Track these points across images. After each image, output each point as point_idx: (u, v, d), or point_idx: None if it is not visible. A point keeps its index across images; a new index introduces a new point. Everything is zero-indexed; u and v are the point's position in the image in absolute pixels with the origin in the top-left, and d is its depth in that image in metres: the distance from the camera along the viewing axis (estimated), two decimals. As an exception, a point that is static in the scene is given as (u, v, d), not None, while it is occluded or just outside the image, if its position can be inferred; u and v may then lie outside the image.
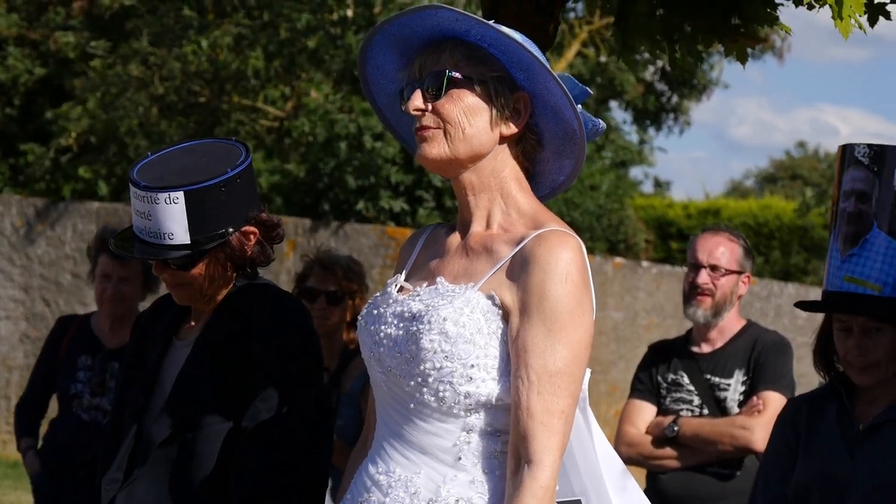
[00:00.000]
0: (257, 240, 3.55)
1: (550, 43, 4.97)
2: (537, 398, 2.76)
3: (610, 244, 17.42)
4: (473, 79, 2.88)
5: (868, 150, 3.82)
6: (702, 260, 5.28)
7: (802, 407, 4.01)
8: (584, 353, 2.81)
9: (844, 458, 3.83)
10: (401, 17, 2.90)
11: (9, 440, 13.85)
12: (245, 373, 3.46)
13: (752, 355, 5.30)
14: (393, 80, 3.03)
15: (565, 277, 2.79)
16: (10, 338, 13.84)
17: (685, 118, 22.60)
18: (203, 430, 3.46)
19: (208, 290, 3.56)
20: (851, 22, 4.31)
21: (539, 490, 2.73)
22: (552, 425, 2.75)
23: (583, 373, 2.83)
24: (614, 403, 12.67)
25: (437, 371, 2.80)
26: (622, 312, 14.04)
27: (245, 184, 3.51)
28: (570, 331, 2.78)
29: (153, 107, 16.23)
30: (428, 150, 2.89)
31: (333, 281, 5.56)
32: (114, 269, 6.18)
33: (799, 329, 14.24)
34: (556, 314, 2.78)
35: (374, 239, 13.36)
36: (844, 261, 3.81)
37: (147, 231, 3.47)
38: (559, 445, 2.76)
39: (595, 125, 2.99)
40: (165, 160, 3.56)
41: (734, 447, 5.19)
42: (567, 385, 2.77)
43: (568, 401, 2.78)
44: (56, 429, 6.40)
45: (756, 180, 33.87)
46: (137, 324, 3.80)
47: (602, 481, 2.92)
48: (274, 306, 3.54)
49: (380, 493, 2.87)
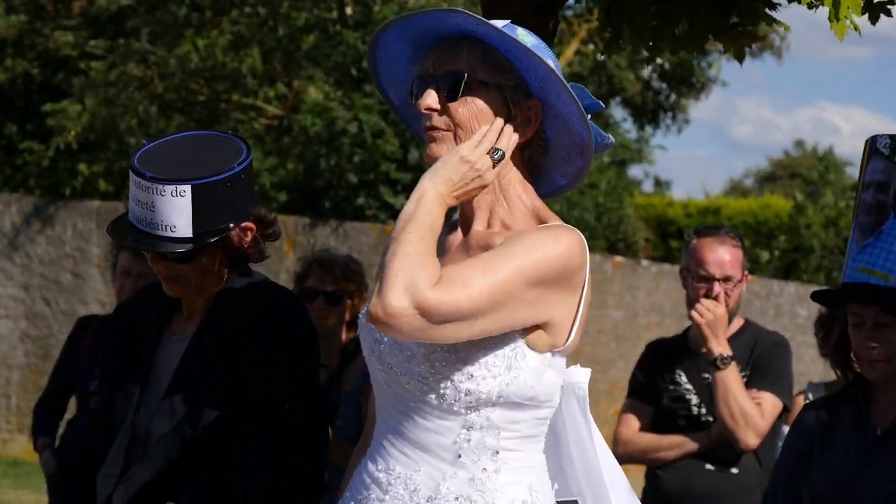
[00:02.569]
0: (254, 236, 3.55)
1: (550, 42, 4.97)
2: (476, 262, 2.73)
3: (609, 243, 17.42)
4: (490, 84, 2.87)
5: (890, 141, 3.80)
6: (714, 273, 5.23)
7: (816, 413, 3.90)
8: (533, 277, 2.74)
9: (860, 464, 3.73)
10: (421, 14, 2.89)
11: (8, 439, 13.85)
12: (243, 368, 3.46)
13: (752, 355, 5.29)
14: (401, 67, 3.02)
15: (557, 240, 2.79)
16: (10, 337, 13.85)
17: (683, 116, 22.59)
18: (201, 426, 3.46)
19: (202, 284, 3.55)
20: (847, 23, 4.31)
21: None
22: (472, 282, 2.68)
23: (523, 287, 2.75)
24: (614, 402, 12.67)
25: (437, 369, 2.81)
26: (622, 311, 14.04)
27: (247, 179, 3.52)
28: (535, 254, 2.75)
29: (152, 105, 16.24)
30: (437, 151, 2.88)
31: (332, 281, 5.56)
32: (133, 265, 6.19)
33: (799, 327, 14.24)
34: (529, 243, 2.77)
35: (374, 237, 13.36)
36: (860, 251, 3.76)
37: (147, 221, 3.45)
38: (461, 298, 2.67)
39: (604, 139, 2.99)
40: (165, 150, 3.54)
41: (727, 434, 5.14)
42: (506, 274, 2.71)
43: (496, 284, 2.70)
44: (73, 428, 6.43)
45: (755, 179, 33.88)
46: (121, 312, 3.78)
47: (602, 483, 2.92)
48: (271, 302, 3.54)
49: (379, 491, 2.87)
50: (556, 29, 5.05)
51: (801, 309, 14.50)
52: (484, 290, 2.69)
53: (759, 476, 5.29)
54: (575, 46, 18.63)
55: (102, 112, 16.02)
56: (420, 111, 2.89)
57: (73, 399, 6.53)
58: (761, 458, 5.30)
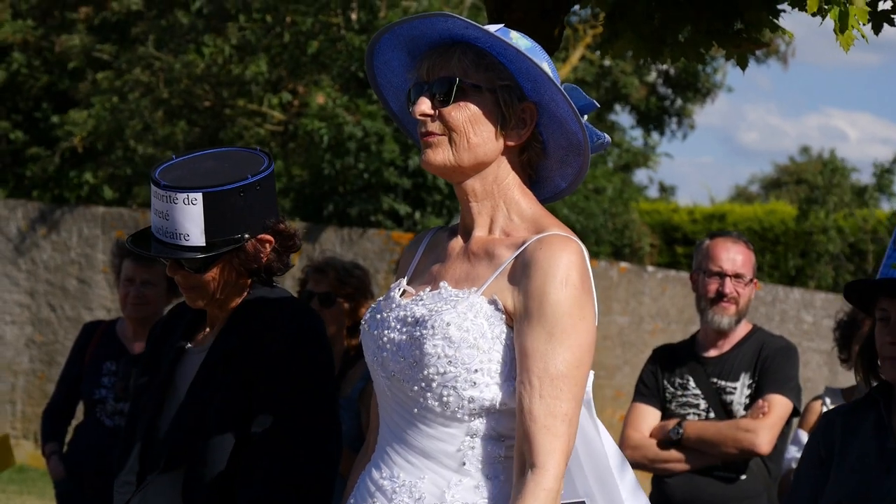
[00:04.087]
0: (273, 248, 3.55)
1: (556, 47, 4.97)
2: (539, 402, 2.76)
3: (615, 248, 17.42)
4: (482, 87, 2.88)
5: None
6: (726, 269, 5.31)
7: (836, 420, 3.85)
8: (585, 357, 2.82)
9: (880, 473, 3.67)
10: (411, 20, 2.91)
11: (14, 445, 13.85)
12: (257, 381, 3.46)
13: (759, 359, 5.31)
14: (399, 76, 3.04)
15: (565, 281, 2.80)
16: (16, 342, 13.86)
17: (689, 122, 22.59)
18: (215, 437, 3.46)
19: (221, 295, 3.56)
20: (854, 32, 4.30)
21: (542, 493, 2.73)
22: (555, 429, 2.76)
23: (586, 376, 2.83)
24: (619, 408, 12.67)
25: (440, 376, 2.81)
26: (627, 317, 14.03)
27: (265, 192, 3.52)
28: (570, 334, 2.79)
29: (158, 111, 16.26)
30: (432, 157, 2.90)
31: (325, 283, 5.62)
32: (136, 272, 6.21)
33: (804, 334, 14.23)
34: (556, 318, 2.79)
35: (380, 244, 13.37)
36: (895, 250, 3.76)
37: (164, 231, 3.48)
38: (563, 448, 2.77)
39: (600, 139, 2.99)
40: (189, 164, 3.58)
41: (738, 450, 5.19)
42: (569, 388, 2.78)
43: (571, 404, 2.78)
44: (80, 434, 6.44)
45: (761, 185, 33.84)
46: (154, 330, 3.81)
47: (614, 484, 2.92)
48: (288, 315, 3.54)
49: (384, 499, 2.87)
50: (562, 34, 5.06)
51: (807, 315, 14.48)
52: (567, 421, 2.79)
53: (766, 482, 5.30)
54: (580, 52, 18.63)
55: (108, 118, 16.04)
56: (415, 117, 2.90)
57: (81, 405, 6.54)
58: (769, 464, 5.31)
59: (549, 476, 2.74)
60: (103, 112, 16.07)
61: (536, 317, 2.79)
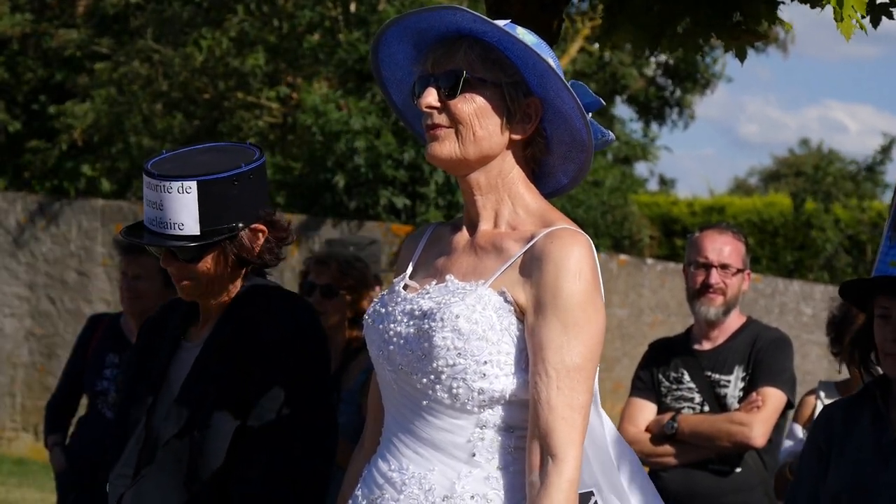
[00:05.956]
0: (266, 238, 3.56)
1: (555, 40, 4.97)
2: (557, 393, 2.78)
3: (614, 240, 17.43)
4: (488, 81, 2.89)
5: None
6: (712, 259, 5.32)
7: (836, 413, 3.87)
8: (597, 349, 2.85)
9: (878, 466, 3.69)
10: (420, 13, 2.91)
11: (14, 437, 13.87)
12: (252, 373, 3.46)
13: (752, 352, 5.32)
14: (403, 69, 3.04)
15: (578, 274, 2.81)
16: (16, 335, 13.87)
17: (689, 112, 22.58)
18: (210, 430, 3.46)
19: (215, 287, 3.56)
20: (853, 22, 4.30)
21: (565, 484, 2.76)
22: (573, 419, 2.78)
23: (596, 368, 2.86)
24: (618, 401, 12.66)
25: (450, 368, 2.81)
26: (626, 309, 14.05)
27: (257, 182, 3.53)
28: (584, 326, 2.81)
29: (156, 103, 16.26)
30: (438, 150, 2.90)
31: (327, 275, 5.59)
32: (128, 266, 6.21)
33: (804, 326, 14.25)
34: (571, 310, 2.81)
35: (379, 236, 13.37)
36: (892, 246, 3.76)
37: (157, 221, 3.47)
38: (580, 439, 2.80)
39: (604, 136, 3.01)
40: (181, 156, 3.58)
41: (732, 443, 5.20)
42: (584, 380, 2.81)
43: (586, 395, 2.81)
44: (82, 426, 6.46)
45: (760, 178, 33.84)
46: (146, 324, 3.81)
47: (615, 473, 2.93)
48: (282, 305, 3.54)
49: (393, 491, 2.87)
50: (561, 27, 5.05)
51: (806, 307, 14.50)
52: (582, 412, 2.81)
53: (761, 475, 5.30)
54: (579, 44, 18.63)
55: (107, 110, 16.04)
56: (421, 109, 2.90)
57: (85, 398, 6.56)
58: (764, 457, 5.32)
59: (570, 466, 2.77)
60: (103, 105, 16.07)
61: (551, 309, 2.81)
